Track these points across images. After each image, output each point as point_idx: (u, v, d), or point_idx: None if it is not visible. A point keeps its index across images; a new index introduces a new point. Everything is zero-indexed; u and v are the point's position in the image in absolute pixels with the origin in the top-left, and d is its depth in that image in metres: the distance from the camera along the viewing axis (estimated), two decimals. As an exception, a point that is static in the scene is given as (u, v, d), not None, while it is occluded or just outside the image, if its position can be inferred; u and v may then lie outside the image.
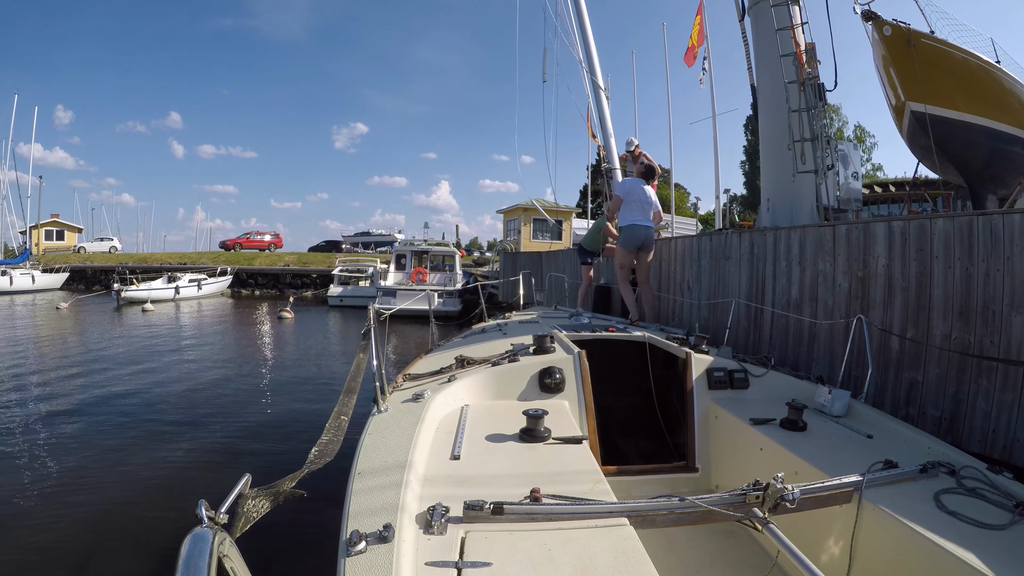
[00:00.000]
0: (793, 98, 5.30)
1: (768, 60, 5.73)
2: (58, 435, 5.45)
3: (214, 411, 6.46)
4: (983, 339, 3.16)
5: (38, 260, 27.72)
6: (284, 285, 26.18)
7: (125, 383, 7.81)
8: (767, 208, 5.98)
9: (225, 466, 4.74)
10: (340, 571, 1.16)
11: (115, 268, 25.22)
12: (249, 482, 1.33)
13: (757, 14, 5.95)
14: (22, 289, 23.88)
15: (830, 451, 2.14)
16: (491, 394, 2.56)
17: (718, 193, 14.20)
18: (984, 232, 3.19)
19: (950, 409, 3.32)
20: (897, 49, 6.32)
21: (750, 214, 29.28)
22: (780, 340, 4.74)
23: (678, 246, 6.78)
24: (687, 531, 2.19)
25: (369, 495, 1.45)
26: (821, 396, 2.65)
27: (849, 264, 4.04)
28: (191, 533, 0.91)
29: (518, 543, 1.33)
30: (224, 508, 1.13)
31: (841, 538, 1.82)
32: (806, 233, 4.51)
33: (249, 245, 32.08)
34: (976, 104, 6.54)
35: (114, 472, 4.57)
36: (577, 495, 1.56)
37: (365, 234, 35.91)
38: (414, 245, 20.68)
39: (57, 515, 3.80)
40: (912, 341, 3.53)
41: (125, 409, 6.48)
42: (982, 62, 6.80)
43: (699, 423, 2.77)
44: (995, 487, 1.77)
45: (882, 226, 3.79)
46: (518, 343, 3.08)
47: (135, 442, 5.32)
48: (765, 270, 5.00)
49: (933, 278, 3.45)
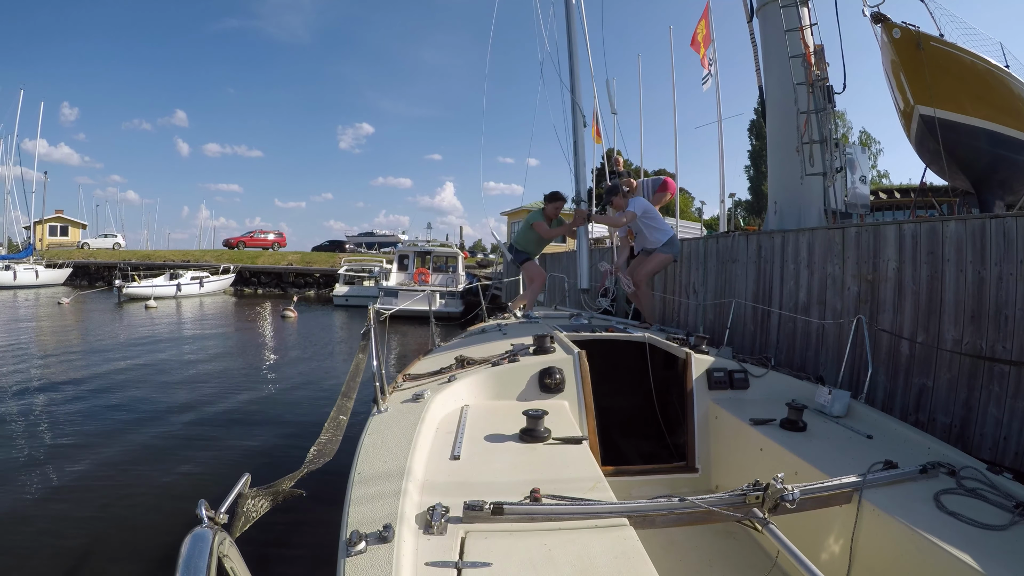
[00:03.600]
0: (802, 100, 5.27)
1: (777, 61, 5.71)
2: (57, 434, 5.44)
3: (214, 410, 6.45)
4: (995, 344, 3.11)
5: (42, 255, 27.87)
6: (287, 284, 26.26)
7: (126, 380, 7.81)
8: (774, 211, 5.94)
9: (225, 466, 4.73)
10: (340, 571, 1.16)
11: (118, 265, 25.34)
12: (249, 482, 1.32)
13: (766, 15, 5.92)
14: (25, 284, 24.06)
15: (830, 451, 2.13)
16: (491, 394, 2.55)
17: (723, 197, 14.19)
18: (997, 235, 3.14)
19: (960, 415, 3.27)
20: (906, 52, 6.28)
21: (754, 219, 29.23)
22: (787, 343, 4.69)
23: (684, 248, 6.74)
24: (687, 531, 2.18)
25: (369, 495, 1.45)
26: (821, 396, 2.64)
27: (859, 267, 4.00)
28: (191, 533, 0.91)
29: (518, 543, 1.33)
30: (224, 508, 1.12)
31: (841, 538, 1.81)
32: (815, 236, 4.47)
33: (253, 244, 32.19)
34: (985, 108, 6.49)
35: (114, 472, 4.55)
36: (577, 495, 1.56)
37: (369, 234, 36.02)
38: (417, 246, 20.70)
39: (57, 515, 3.78)
40: (923, 345, 3.48)
41: (125, 407, 6.47)
42: (991, 66, 6.76)
43: (699, 423, 2.77)
44: (995, 488, 1.76)
45: (892, 229, 3.75)
46: (518, 343, 3.06)
47: (135, 441, 5.31)
48: (772, 273, 4.96)
49: (944, 282, 3.40)
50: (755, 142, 31.41)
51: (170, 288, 21.31)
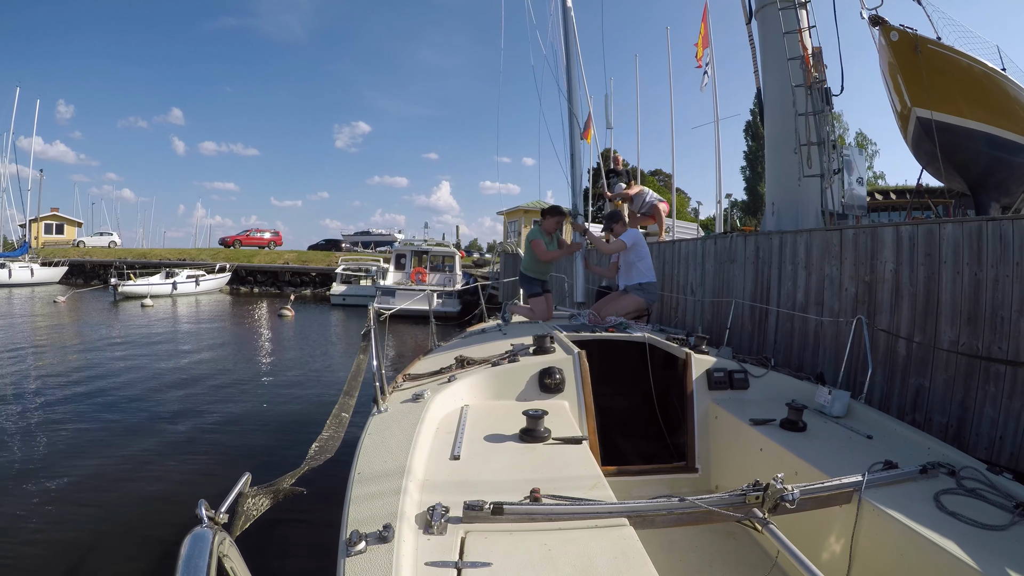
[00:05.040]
0: (800, 102, 5.29)
1: (775, 63, 5.72)
2: (55, 434, 5.40)
3: (214, 409, 6.42)
4: (991, 344, 3.14)
5: (37, 254, 27.71)
6: (283, 283, 26.18)
7: (124, 380, 7.77)
8: (772, 212, 5.96)
9: (225, 465, 4.70)
10: (340, 571, 1.16)
11: (113, 263, 25.24)
12: (249, 481, 1.32)
13: (764, 17, 5.94)
14: (20, 282, 23.92)
15: (830, 451, 2.14)
16: (491, 394, 2.55)
17: (719, 198, 14.22)
18: (993, 238, 3.17)
19: (957, 415, 3.29)
20: (904, 55, 6.30)
21: (750, 219, 29.31)
22: (785, 343, 4.71)
23: (682, 249, 6.75)
24: (687, 531, 2.18)
25: (369, 495, 1.45)
26: (821, 397, 2.65)
27: (856, 268, 4.02)
28: (191, 533, 0.92)
29: (518, 543, 1.33)
30: (224, 508, 1.12)
31: (841, 538, 1.82)
32: (813, 237, 4.48)
33: (249, 242, 32.06)
34: (981, 111, 6.53)
35: (113, 471, 4.53)
36: (577, 495, 1.56)
37: (365, 233, 35.97)
38: (414, 245, 20.67)
39: (56, 515, 3.76)
40: (920, 345, 3.50)
41: (124, 406, 6.44)
42: (988, 69, 6.80)
43: (699, 423, 2.77)
44: (995, 488, 1.77)
45: (890, 231, 3.77)
46: (518, 343, 3.06)
47: (134, 440, 5.28)
48: (770, 274, 4.98)
49: (941, 283, 3.42)
50: (751, 143, 31.51)
51: (166, 287, 21.23)
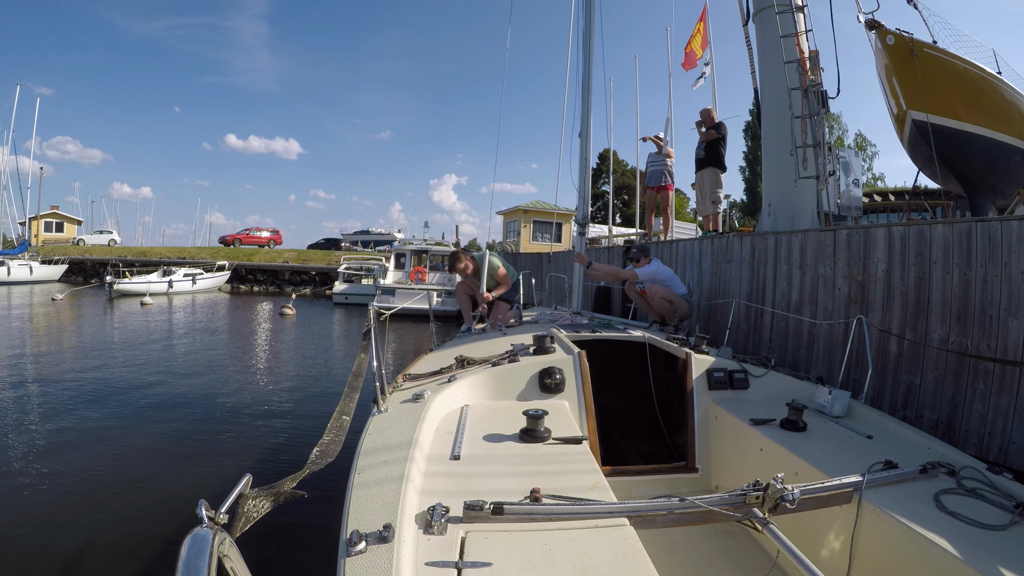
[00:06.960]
0: (796, 104, 5.32)
1: (772, 66, 5.75)
2: (54, 432, 5.38)
3: (215, 407, 6.40)
4: (980, 343, 3.18)
5: (37, 251, 27.65)
6: (283, 282, 26.15)
7: (123, 378, 7.74)
8: (768, 212, 5.99)
9: (225, 466, 4.69)
10: (340, 571, 1.16)
11: (110, 261, 25.22)
12: (250, 482, 1.32)
13: (761, 20, 5.96)
14: (20, 280, 23.87)
15: (830, 451, 2.14)
16: (491, 394, 2.55)
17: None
18: (983, 238, 3.20)
19: (947, 412, 3.34)
20: (900, 58, 6.32)
21: (749, 220, 29.31)
22: (780, 342, 4.75)
23: (679, 249, 6.79)
24: (687, 531, 2.18)
25: (369, 495, 1.45)
26: (821, 397, 2.65)
27: (849, 268, 4.06)
28: (191, 533, 0.91)
29: (518, 543, 1.33)
30: (224, 508, 1.12)
31: (841, 538, 1.82)
32: (807, 237, 4.52)
33: (248, 241, 32.01)
34: (977, 114, 6.54)
35: (112, 471, 4.52)
36: (577, 495, 1.55)
37: (365, 232, 35.91)
38: (414, 244, 20.66)
39: (55, 514, 3.75)
40: (911, 343, 3.54)
41: (124, 405, 6.42)
42: (983, 72, 6.81)
43: (699, 423, 2.77)
44: (995, 488, 1.77)
45: (882, 231, 3.80)
46: (518, 343, 3.07)
47: (134, 439, 5.27)
48: (766, 273, 5.01)
49: (932, 283, 3.47)
50: (750, 144, 31.49)
51: (161, 285, 21.18)
